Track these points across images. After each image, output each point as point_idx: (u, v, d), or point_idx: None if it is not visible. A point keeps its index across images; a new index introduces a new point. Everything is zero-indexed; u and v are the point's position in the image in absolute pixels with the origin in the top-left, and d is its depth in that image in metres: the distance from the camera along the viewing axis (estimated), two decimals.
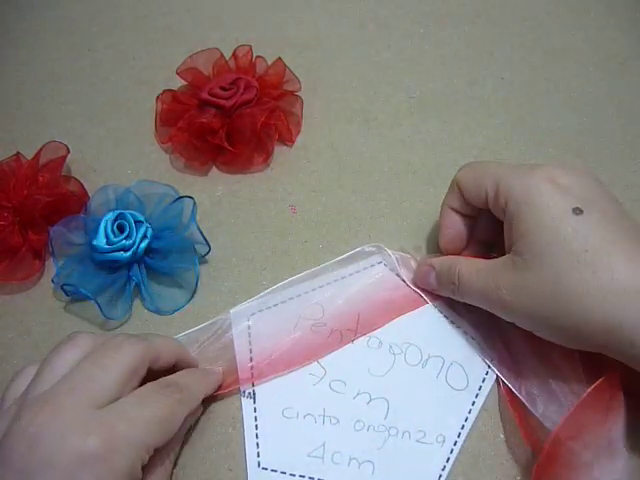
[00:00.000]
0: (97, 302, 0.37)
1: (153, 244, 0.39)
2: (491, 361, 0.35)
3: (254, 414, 0.34)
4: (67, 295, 0.39)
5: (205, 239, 0.40)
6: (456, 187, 0.35)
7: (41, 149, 0.43)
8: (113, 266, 0.39)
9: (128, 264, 0.39)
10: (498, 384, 0.35)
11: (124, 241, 0.38)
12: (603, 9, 0.55)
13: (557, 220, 0.29)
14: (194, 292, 0.39)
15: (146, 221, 0.40)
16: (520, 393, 0.33)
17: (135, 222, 0.39)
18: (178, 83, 0.49)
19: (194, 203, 0.40)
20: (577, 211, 0.29)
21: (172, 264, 0.39)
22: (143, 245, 0.39)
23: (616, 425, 0.30)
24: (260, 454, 0.33)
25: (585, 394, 0.30)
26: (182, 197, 0.41)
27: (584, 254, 0.28)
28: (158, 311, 0.39)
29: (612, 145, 0.45)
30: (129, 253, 0.38)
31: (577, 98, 0.48)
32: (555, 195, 0.30)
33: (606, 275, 0.28)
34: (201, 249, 0.40)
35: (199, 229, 0.40)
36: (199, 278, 0.40)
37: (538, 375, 0.33)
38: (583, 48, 0.52)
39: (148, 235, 0.39)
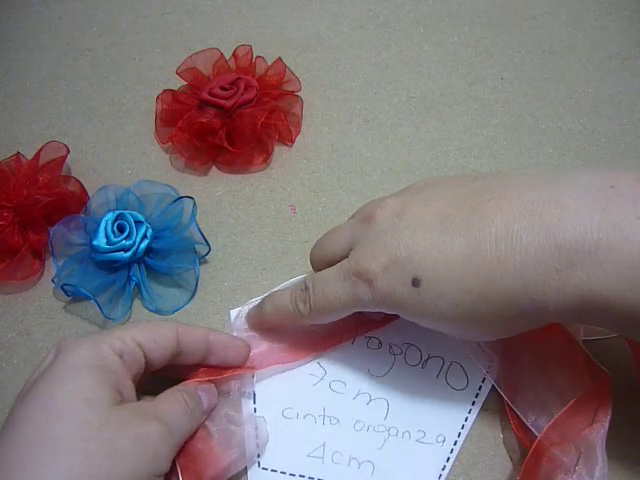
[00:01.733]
0: (97, 302, 0.37)
1: (153, 244, 0.39)
2: (490, 362, 0.35)
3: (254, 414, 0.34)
4: (67, 295, 0.39)
5: (205, 239, 0.40)
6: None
7: (41, 149, 0.43)
8: (113, 266, 0.39)
9: (128, 264, 0.39)
10: None
11: (124, 241, 0.38)
12: (603, 9, 0.55)
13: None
14: (194, 292, 0.39)
15: (146, 221, 0.40)
16: (514, 401, 0.33)
17: (135, 222, 0.39)
18: (178, 83, 0.49)
19: (194, 203, 0.40)
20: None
21: (172, 264, 0.39)
22: (143, 245, 0.39)
23: (598, 432, 0.30)
24: (260, 454, 0.33)
25: (570, 403, 0.30)
26: (182, 197, 0.41)
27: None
28: (158, 311, 0.39)
29: (612, 145, 0.45)
30: (129, 253, 0.38)
31: (577, 98, 0.48)
32: None
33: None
34: (201, 249, 0.40)
35: (199, 229, 0.40)
36: (199, 278, 0.40)
37: (532, 384, 0.33)
38: (583, 48, 0.52)
39: (148, 235, 0.39)
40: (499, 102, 0.48)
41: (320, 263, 0.35)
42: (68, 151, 0.44)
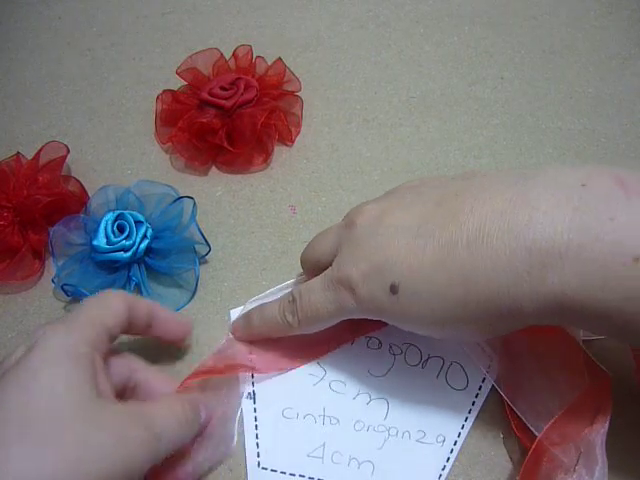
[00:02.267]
0: None
1: (153, 244, 0.39)
2: (490, 362, 0.35)
3: (254, 414, 0.34)
4: (67, 295, 0.39)
5: (205, 239, 0.40)
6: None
7: (41, 149, 0.43)
8: (113, 266, 0.39)
9: (128, 264, 0.39)
10: None
11: (124, 241, 0.38)
12: (603, 9, 0.55)
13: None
14: (194, 292, 0.39)
15: (146, 221, 0.40)
16: (514, 401, 0.32)
17: (135, 222, 0.39)
18: (178, 83, 0.49)
19: (194, 203, 0.40)
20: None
21: (172, 264, 0.39)
22: (143, 245, 0.39)
23: (598, 432, 0.30)
24: (260, 454, 0.33)
25: (570, 403, 0.30)
26: (182, 197, 0.41)
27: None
28: None
29: (612, 145, 0.45)
30: (129, 253, 0.38)
31: (577, 98, 0.48)
32: None
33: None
34: (201, 249, 0.40)
35: (199, 229, 0.40)
36: (199, 278, 0.40)
37: (532, 384, 0.33)
38: (583, 48, 0.52)
39: (148, 235, 0.39)
40: (499, 102, 0.48)
41: (309, 264, 0.35)
42: (68, 151, 0.44)
